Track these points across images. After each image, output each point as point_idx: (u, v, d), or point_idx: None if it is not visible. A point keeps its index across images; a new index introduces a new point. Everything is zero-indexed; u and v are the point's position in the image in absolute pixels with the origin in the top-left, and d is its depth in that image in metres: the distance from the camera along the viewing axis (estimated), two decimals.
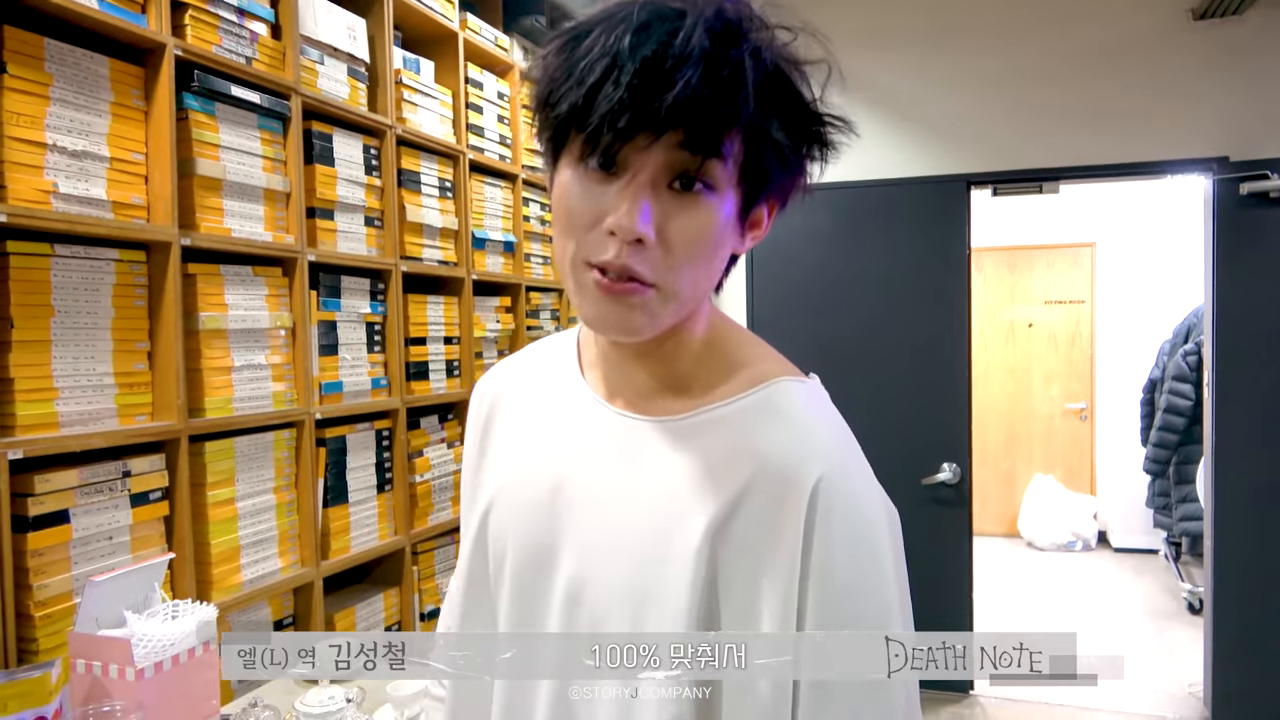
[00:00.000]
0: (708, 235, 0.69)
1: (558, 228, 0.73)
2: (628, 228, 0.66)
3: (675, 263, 0.69)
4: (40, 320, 1.62)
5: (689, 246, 0.69)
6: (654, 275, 0.68)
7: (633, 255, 0.67)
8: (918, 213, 3.59)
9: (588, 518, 0.78)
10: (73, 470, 1.65)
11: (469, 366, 2.90)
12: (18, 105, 1.57)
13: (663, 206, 0.67)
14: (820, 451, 0.72)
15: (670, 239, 0.68)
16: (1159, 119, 3.31)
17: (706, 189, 0.68)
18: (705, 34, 0.64)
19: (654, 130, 0.64)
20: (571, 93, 0.66)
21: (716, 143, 0.66)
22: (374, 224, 2.49)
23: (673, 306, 0.71)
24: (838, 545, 0.69)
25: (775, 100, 0.68)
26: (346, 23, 2.38)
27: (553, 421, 0.85)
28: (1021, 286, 6.67)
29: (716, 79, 0.64)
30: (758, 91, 0.66)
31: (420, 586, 2.67)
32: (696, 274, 0.71)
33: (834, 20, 3.55)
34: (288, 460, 2.17)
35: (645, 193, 0.67)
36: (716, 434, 0.74)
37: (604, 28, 0.66)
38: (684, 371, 0.78)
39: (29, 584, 1.56)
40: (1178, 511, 4.96)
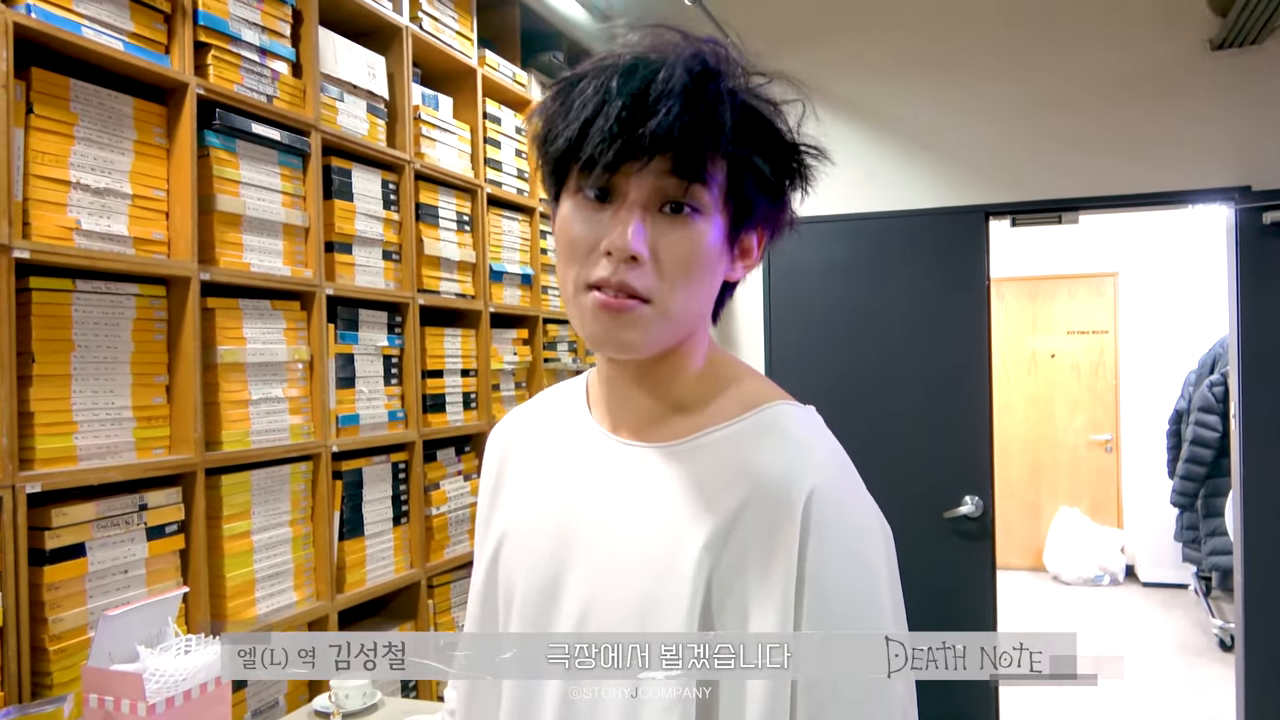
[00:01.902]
0: (697, 255, 0.74)
1: (561, 257, 0.79)
2: (622, 246, 0.72)
3: (668, 280, 0.74)
4: (61, 355, 1.64)
5: (680, 265, 0.74)
6: (648, 291, 0.73)
7: (628, 272, 0.73)
8: (936, 244, 3.58)
9: (593, 545, 0.81)
10: (90, 504, 1.66)
11: (486, 399, 2.90)
12: (43, 144, 1.61)
13: (655, 228, 0.73)
14: (813, 466, 0.76)
15: (662, 258, 0.73)
16: (1179, 148, 3.29)
17: (694, 212, 0.74)
18: (685, 73, 0.71)
19: (641, 157, 0.71)
20: (566, 130, 0.73)
21: (700, 167, 0.72)
22: (392, 258, 2.51)
23: (667, 324, 0.76)
24: (831, 556, 0.72)
25: (752, 131, 0.75)
26: (366, 61, 2.42)
27: (560, 460, 0.88)
28: (1043, 316, 6.63)
29: (696, 110, 0.71)
30: (735, 123, 0.73)
31: (436, 620, 2.66)
32: (689, 292, 0.75)
33: (852, 53, 3.58)
34: (304, 493, 2.18)
35: (637, 215, 0.73)
36: (713, 456, 0.78)
37: (595, 73, 0.73)
38: (683, 397, 0.82)
39: (44, 617, 1.57)
40: (1207, 545, 4.87)
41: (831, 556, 0.72)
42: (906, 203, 3.60)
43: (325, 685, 2.14)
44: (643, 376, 0.82)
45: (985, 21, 3.49)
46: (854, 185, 3.64)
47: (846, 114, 3.65)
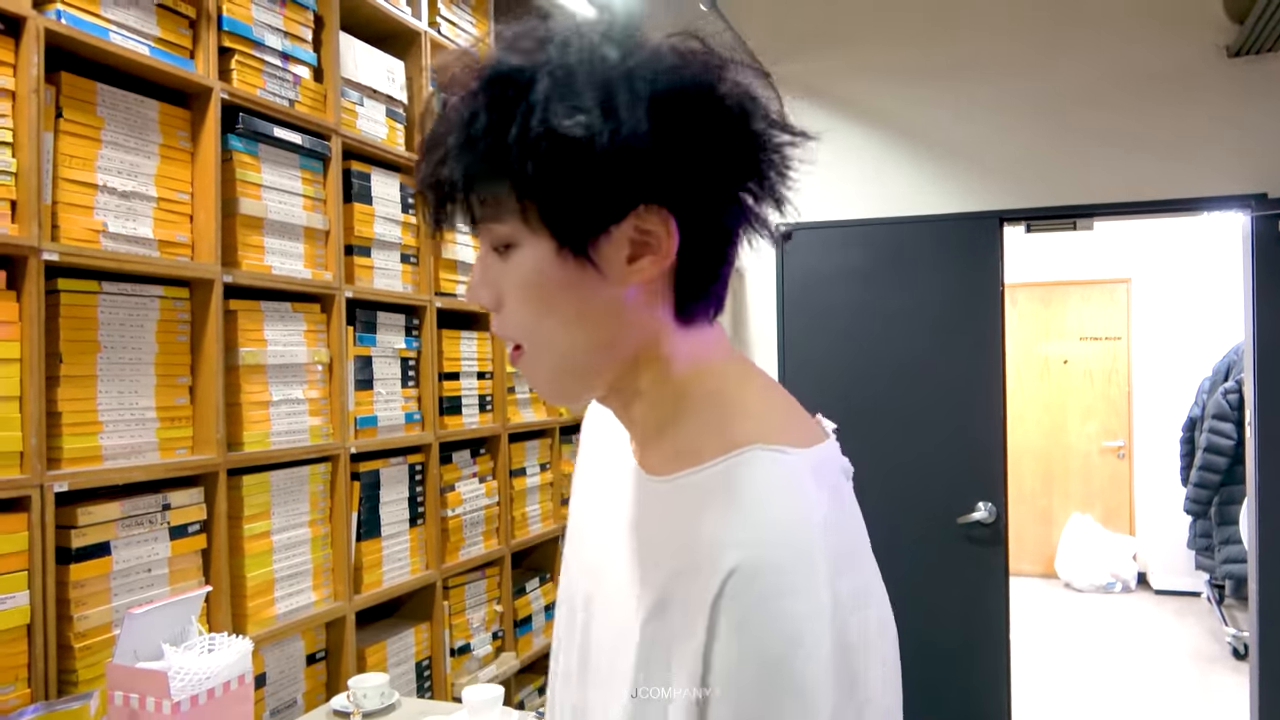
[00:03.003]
0: (527, 287, 0.67)
1: None
2: (468, 297, 0.71)
3: (519, 320, 0.68)
4: (87, 356, 1.66)
5: (520, 301, 0.67)
6: (514, 335, 0.70)
7: (496, 323, 0.70)
8: (950, 249, 3.58)
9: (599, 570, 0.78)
10: (115, 503, 1.68)
11: (501, 402, 2.92)
12: (71, 148, 1.63)
13: (497, 273, 0.68)
14: (746, 538, 0.60)
15: (507, 300, 0.68)
16: (1195, 155, 3.28)
17: (510, 248, 0.67)
18: (442, 107, 0.66)
19: (438, 211, 0.67)
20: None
21: (466, 197, 0.65)
22: (409, 261, 2.53)
23: (552, 359, 0.69)
24: (739, 664, 0.58)
25: (493, 141, 0.62)
26: (386, 65, 2.44)
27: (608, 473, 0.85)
28: (1056, 322, 6.61)
29: (439, 151, 0.65)
30: (466, 145, 0.63)
31: (451, 621, 2.67)
32: (547, 324, 0.67)
33: (867, 58, 3.59)
34: (323, 494, 2.19)
35: (478, 265, 0.70)
36: (683, 503, 0.67)
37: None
38: (659, 423, 0.72)
39: (70, 615, 1.59)
40: (1221, 553, 4.85)
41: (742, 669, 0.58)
42: (921, 208, 3.60)
43: (343, 685, 2.15)
44: (614, 403, 0.75)
45: (1000, 28, 3.50)
46: (868, 190, 3.65)
47: (861, 119, 3.66)
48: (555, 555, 3.27)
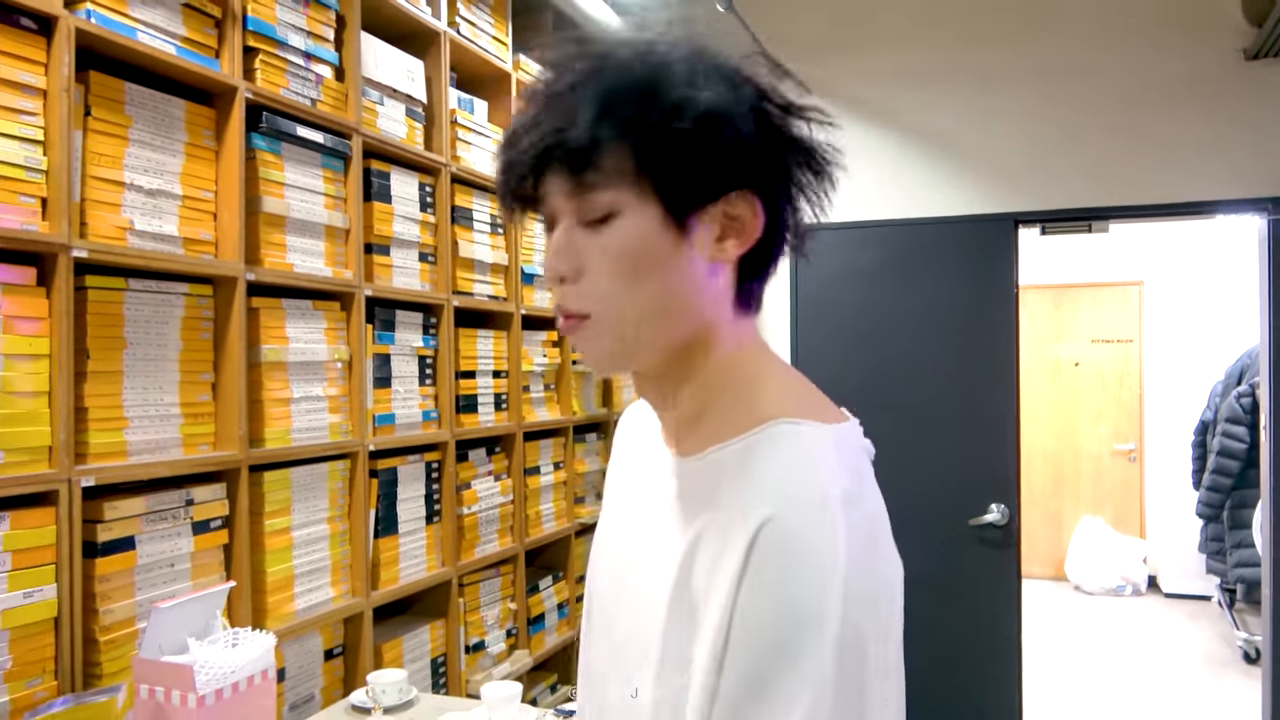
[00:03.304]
0: (624, 257, 0.70)
1: None
2: (546, 274, 0.74)
3: (599, 291, 0.71)
4: (114, 352, 1.67)
5: (608, 272, 0.71)
6: (580, 306, 0.72)
7: (564, 294, 0.73)
8: (965, 251, 3.58)
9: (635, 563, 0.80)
10: (139, 498, 1.69)
11: (516, 400, 2.93)
12: (100, 146, 1.64)
13: (583, 244, 0.71)
14: (775, 496, 0.66)
15: (590, 271, 0.71)
16: (1212, 158, 3.28)
17: (610, 217, 0.70)
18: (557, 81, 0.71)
19: (535, 177, 0.70)
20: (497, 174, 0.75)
21: (582, 163, 0.68)
22: (428, 259, 2.54)
23: (617, 332, 0.72)
24: (765, 604, 0.63)
25: (639, 107, 0.67)
26: (405, 65, 2.45)
27: (639, 466, 0.88)
28: (1067, 324, 6.60)
29: (564, 112, 0.68)
30: (610, 107, 0.67)
31: (466, 618, 2.68)
32: (628, 296, 0.71)
33: (883, 60, 3.60)
34: (341, 491, 2.21)
35: (561, 237, 0.72)
36: (712, 474, 0.73)
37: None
38: (697, 407, 0.77)
39: (95, 609, 1.60)
40: (1233, 557, 4.83)
41: (766, 608, 0.63)
42: (936, 209, 3.60)
43: (360, 681, 2.17)
44: (654, 389, 0.79)
45: (1017, 30, 3.49)
46: (883, 191, 3.65)
47: (877, 121, 3.66)
48: (568, 554, 3.28)
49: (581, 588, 3.38)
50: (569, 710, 1.92)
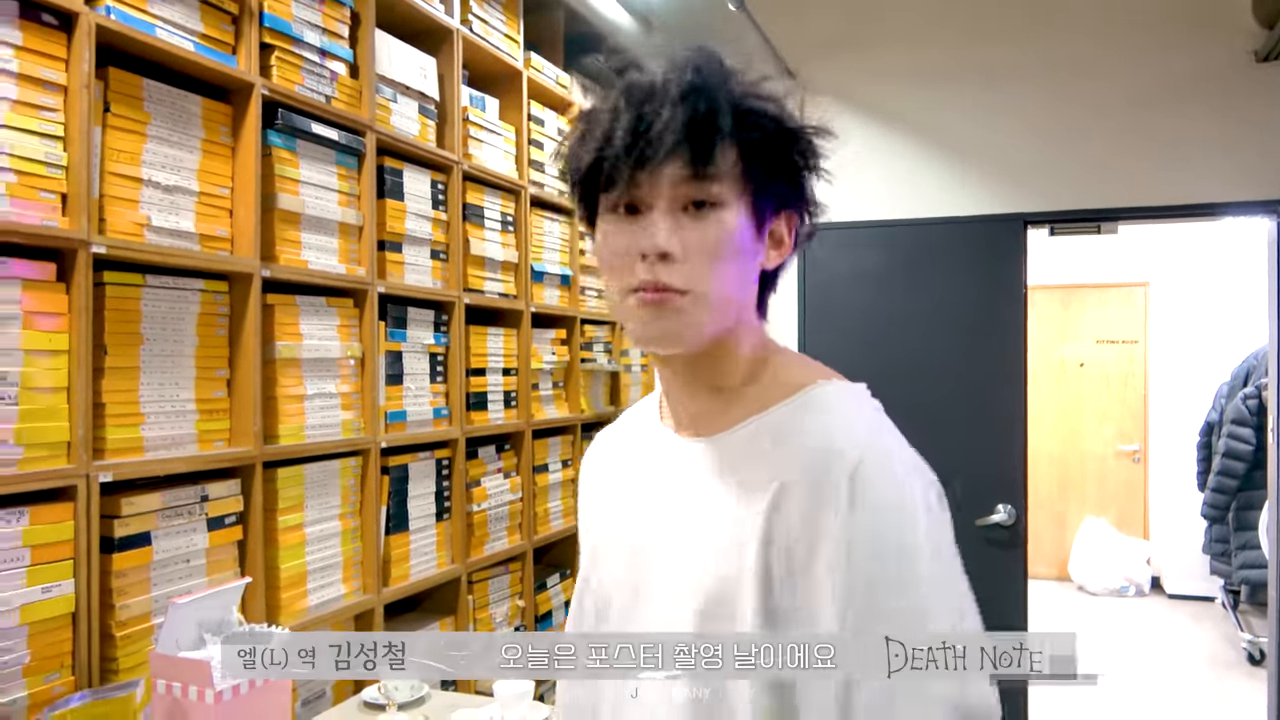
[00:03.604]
0: (723, 243, 0.79)
1: (605, 271, 0.84)
2: (651, 246, 0.78)
3: (700, 270, 0.78)
4: (131, 348, 1.68)
5: (708, 255, 0.79)
6: (683, 283, 0.78)
7: (662, 270, 0.78)
8: (974, 251, 3.58)
9: (664, 545, 0.86)
10: (156, 494, 1.70)
11: (526, 398, 2.93)
12: (118, 142, 1.65)
13: (682, 227, 0.79)
14: (854, 440, 0.79)
15: (692, 252, 0.78)
16: (1221, 160, 3.27)
17: (714, 206, 0.79)
18: (679, 81, 0.78)
19: (654, 162, 0.77)
20: (587, 157, 0.80)
21: (706, 162, 0.77)
22: (439, 257, 2.54)
23: (706, 310, 0.80)
24: (864, 536, 0.75)
25: (752, 122, 0.79)
26: (419, 62, 2.45)
27: (636, 467, 0.94)
28: (1072, 325, 6.59)
29: (692, 111, 0.77)
30: (732, 116, 0.78)
31: (475, 615, 2.69)
32: (722, 279, 0.80)
33: (892, 60, 3.59)
34: (353, 488, 2.21)
35: (664, 219, 0.78)
36: (762, 440, 0.83)
37: (605, 106, 0.80)
38: (733, 388, 0.86)
39: (112, 604, 1.61)
40: (1238, 559, 4.83)
41: (864, 536, 0.75)
42: (944, 210, 3.60)
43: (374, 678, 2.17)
44: (693, 373, 0.86)
45: (1026, 30, 3.49)
46: (892, 191, 3.65)
47: (886, 120, 3.65)
48: (576, 552, 3.27)
49: None
50: None
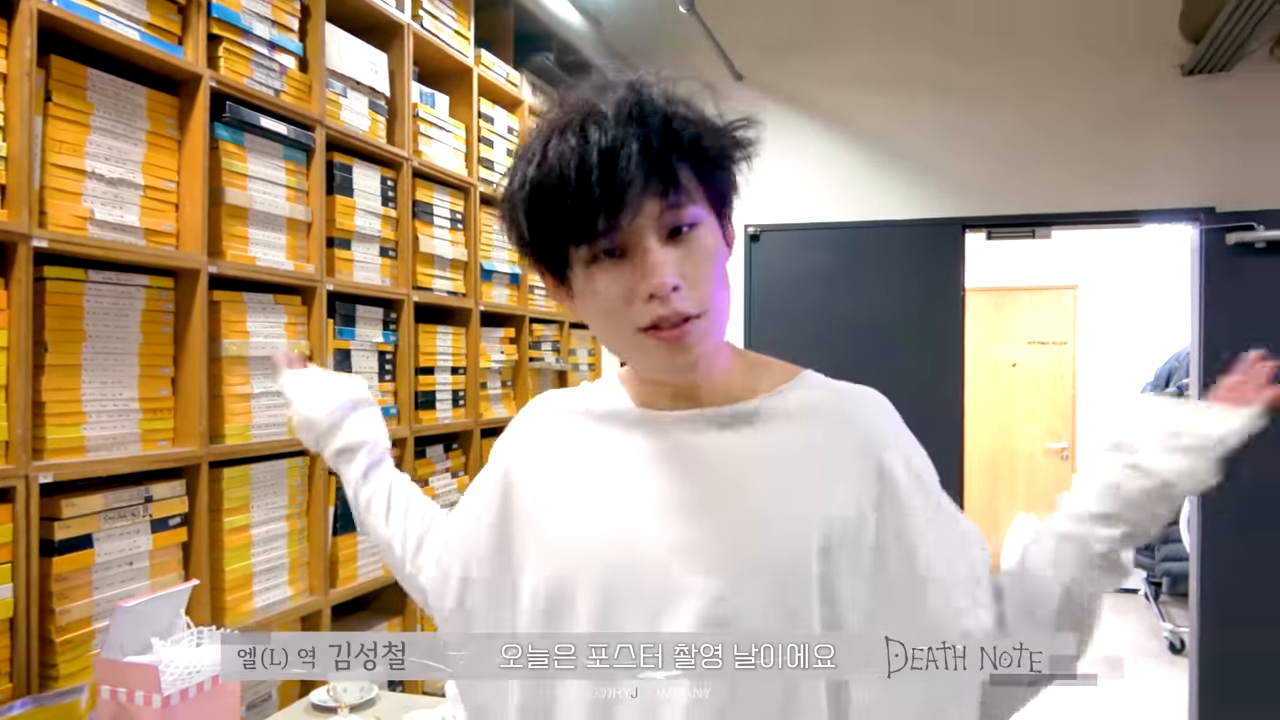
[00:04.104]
0: (712, 256, 0.82)
1: (601, 319, 0.83)
2: (660, 284, 0.77)
3: (702, 289, 0.80)
4: (73, 345, 1.63)
5: (704, 272, 0.81)
6: (695, 307, 0.80)
7: (676, 303, 0.78)
8: (914, 254, 3.67)
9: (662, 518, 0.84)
10: (98, 495, 1.65)
11: (474, 397, 2.92)
12: (60, 133, 1.60)
13: (674, 256, 0.79)
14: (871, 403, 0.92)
15: (690, 274, 0.79)
16: (1149, 169, 3.41)
17: (693, 226, 0.80)
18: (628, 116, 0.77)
19: (632, 203, 0.76)
20: (552, 215, 0.78)
21: (676, 184, 0.78)
22: (388, 254, 2.51)
23: (717, 323, 0.83)
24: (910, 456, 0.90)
25: (696, 133, 0.80)
26: (369, 57, 2.42)
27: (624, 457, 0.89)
28: (1006, 327, 6.78)
29: (651, 142, 0.77)
30: (682, 133, 0.79)
31: (421, 616, 2.66)
32: (720, 290, 0.83)
33: (837, 66, 3.66)
34: (300, 488, 2.18)
35: (660, 254, 0.78)
36: (776, 418, 0.87)
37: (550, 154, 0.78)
38: (723, 380, 0.89)
39: (52, 609, 1.56)
40: (1160, 551, 5.03)
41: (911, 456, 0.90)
42: (886, 213, 3.68)
43: (321, 680, 2.14)
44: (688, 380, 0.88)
45: (969, 43, 3.59)
46: (833, 195, 3.71)
47: (830, 124, 3.72)
48: None
49: None
50: None
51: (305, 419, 1.21)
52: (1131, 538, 0.84)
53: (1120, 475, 0.84)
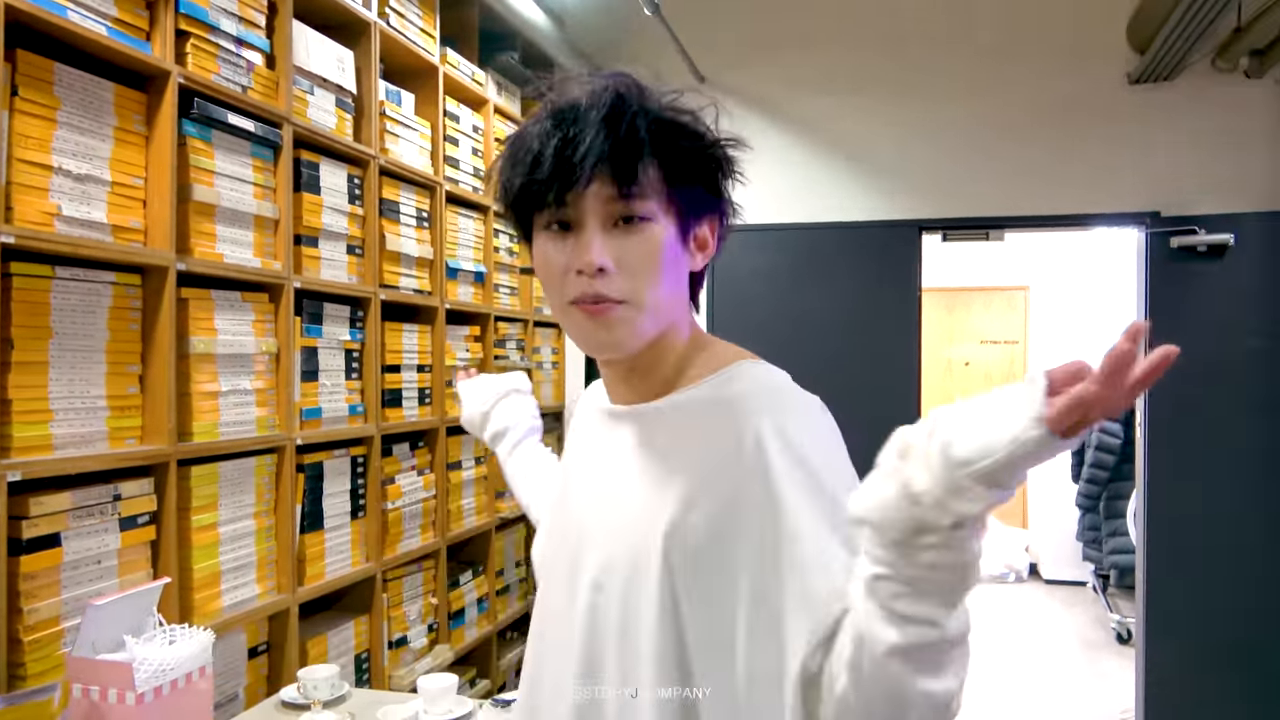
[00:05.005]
0: (654, 255, 0.85)
1: (545, 285, 0.90)
2: (588, 262, 0.83)
3: (636, 281, 0.84)
4: (39, 342, 1.61)
5: (642, 265, 0.84)
6: (619, 294, 0.84)
7: (599, 284, 0.83)
8: (872, 255, 3.74)
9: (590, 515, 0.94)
10: (66, 493, 1.64)
11: (440, 395, 2.92)
12: (26, 128, 1.58)
13: (615, 242, 0.84)
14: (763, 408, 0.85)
15: (626, 264, 0.84)
16: (1098, 174, 3.52)
17: (643, 220, 0.84)
18: (600, 105, 0.83)
19: (581, 184, 0.82)
20: (516, 178, 0.86)
21: (631, 179, 0.82)
22: (355, 252, 2.51)
23: (646, 317, 0.86)
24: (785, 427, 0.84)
25: (672, 138, 0.85)
26: (336, 54, 2.42)
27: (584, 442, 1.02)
28: (959, 326, 6.93)
29: (615, 132, 0.82)
30: (653, 134, 0.84)
31: (389, 614, 2.67)
32: (657, 287, 0.86)
33: (796, 68, 3.72)
34: (268, 486, 2.17)
35: (596, 236, 0.84)
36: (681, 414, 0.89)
37: (533, 129, 0.86)
38: (669, 375, 0.92)
39: (20, 608, 1.54)
40: (1108, 545, 5.18)
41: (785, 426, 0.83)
42: (845, 214, 3.75)
43: (285, 679, 2.14)
44: (631, 368, 0.93)
45: (926, 49, 3.67)
46: (794, 196, 3.78)
47: (789, 127, 3.79)
48: (489, 548, 3.28)
49: (501, 582, 3.39)
50: (506, 700, 1.94)
51: (467, 417, 1.47)
52: (903, 580, 0.65)
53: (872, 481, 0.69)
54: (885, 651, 0.65)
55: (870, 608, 0.67)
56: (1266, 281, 3.38)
